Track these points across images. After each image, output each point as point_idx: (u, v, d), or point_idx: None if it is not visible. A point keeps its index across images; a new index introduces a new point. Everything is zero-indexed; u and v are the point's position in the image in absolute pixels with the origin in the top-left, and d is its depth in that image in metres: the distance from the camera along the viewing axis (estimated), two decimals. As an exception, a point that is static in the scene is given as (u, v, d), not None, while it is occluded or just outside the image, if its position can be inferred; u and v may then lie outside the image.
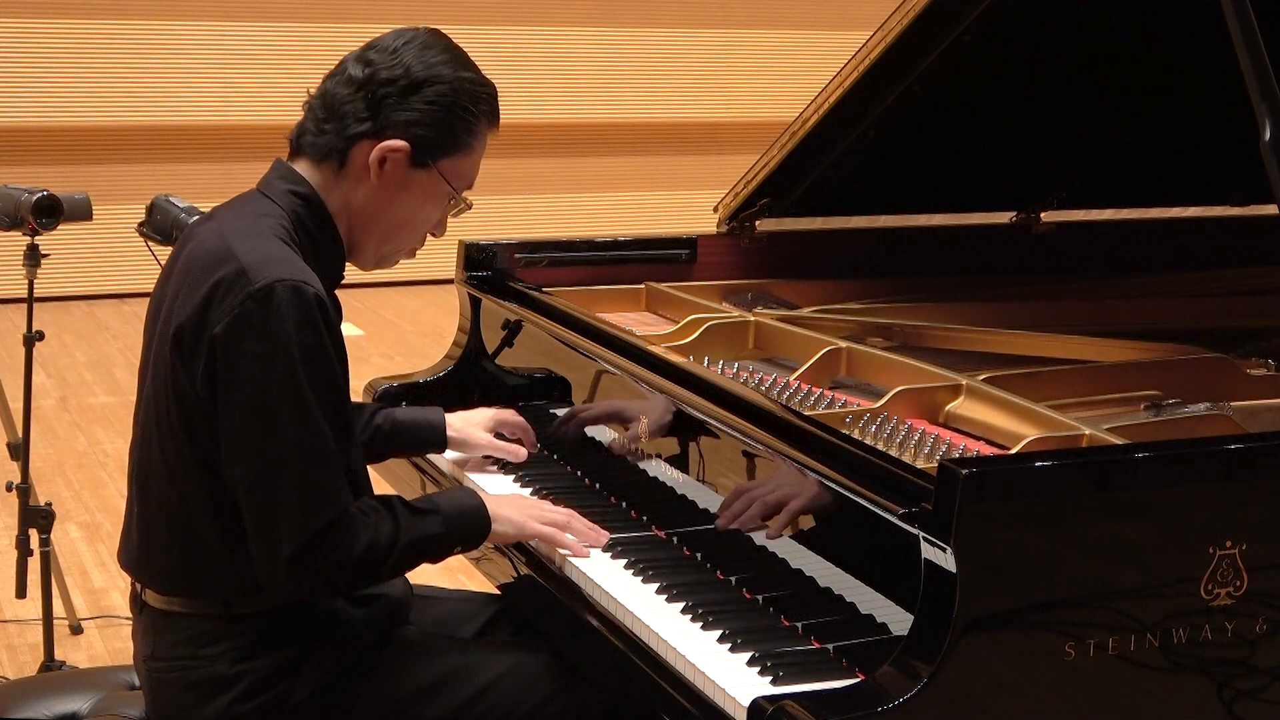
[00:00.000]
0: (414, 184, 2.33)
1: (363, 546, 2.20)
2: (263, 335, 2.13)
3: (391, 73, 2.30)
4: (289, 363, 2.13)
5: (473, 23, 9.70)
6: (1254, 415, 2.51)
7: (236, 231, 2.25)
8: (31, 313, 3.87)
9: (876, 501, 1.97)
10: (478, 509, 2.37)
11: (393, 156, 2.30)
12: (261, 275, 2.15)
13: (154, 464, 2.29)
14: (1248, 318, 3.18)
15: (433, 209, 2.39)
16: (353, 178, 2.32)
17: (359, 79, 2.30)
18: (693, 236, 3.41)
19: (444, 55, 2.33)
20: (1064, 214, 3.61)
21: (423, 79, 2.30)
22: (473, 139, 2.36)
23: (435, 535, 2.31)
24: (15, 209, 3.66)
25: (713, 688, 1.99)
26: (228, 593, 2.27)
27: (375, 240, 2.38)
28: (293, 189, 2.32)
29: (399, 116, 2.29)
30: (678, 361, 2.57)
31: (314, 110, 2.35)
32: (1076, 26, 3.15)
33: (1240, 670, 1.98)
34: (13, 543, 3.91)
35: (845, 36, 4.83)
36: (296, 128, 2.37)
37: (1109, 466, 1.95)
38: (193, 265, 2.24)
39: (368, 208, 2.34)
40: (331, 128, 2.31)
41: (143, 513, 2.32)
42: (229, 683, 2.26)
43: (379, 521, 2.23)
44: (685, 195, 10.04)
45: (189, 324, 2.18)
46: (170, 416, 2.23)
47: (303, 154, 2.35)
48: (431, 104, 2.30)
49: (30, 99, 8.97)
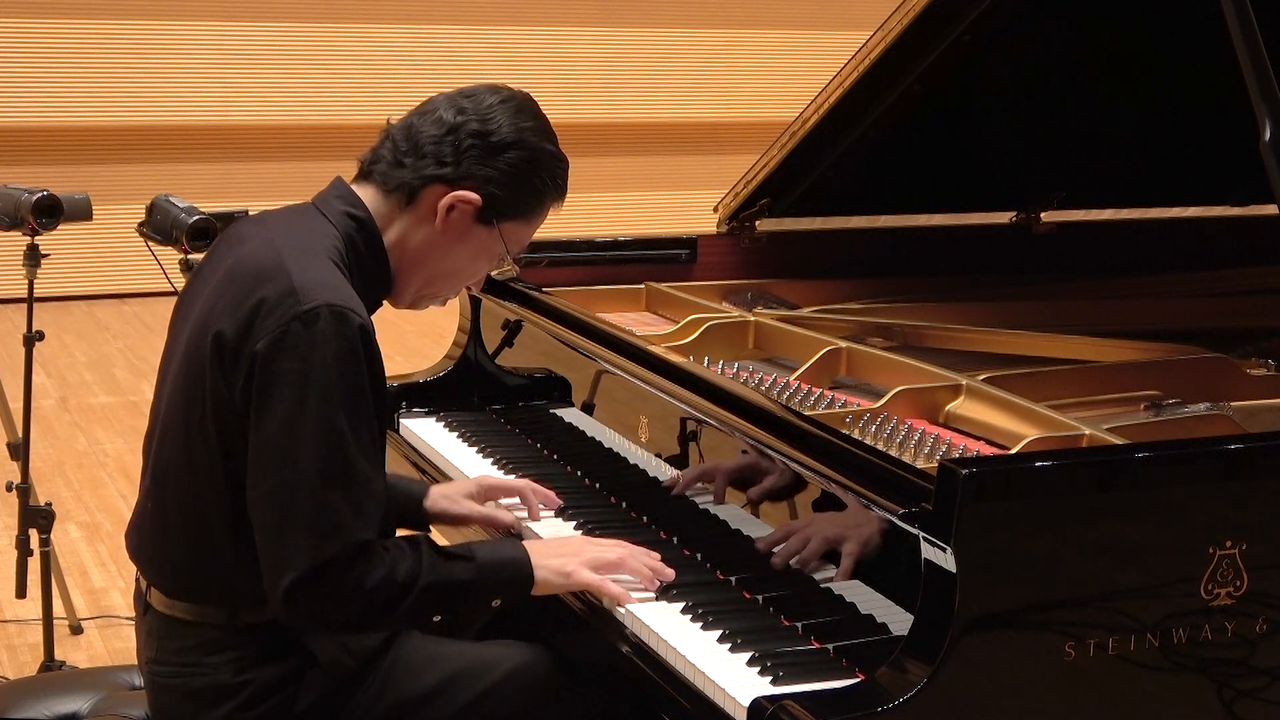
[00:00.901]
0: (473, 238, 2.34)
1: (376, 580, 2.15)
2: (303, 357, 2.11)
3: (484, 126, 2.30)
4: (325, 388, 2.11)
5: (473, 23, 9.71)
6: (1254, 415, 2.51)
7: (290, 247, 2.22)
8: (31, 313, 3.87)
9: (876, 501, 1.97)
10: (516, 559, 2.29)
11: (462, 206, 2.30)
12: (311, 297, 2.13)
13: (176, 464, 2.27)
14: (1248, 318, 3.18)
15: (482, 265, 2.41)
16: (416, 217, 2.32)
17: (450, 124, 2.30)
18: (693, 236, 3.41)
19: (534, 123, 2.35)
20: (1064, 214, 3.61)
21: (510, 141, 2.31)
22: (540, 209, 2.38)
23: (464, 582, 2.24)
24: (15, 209, 3.66)
25: (713, 688, 1.99)
26: (235, 600, 2.25)
27: (419, 282, 2.38)
28: (350, 211, 2.32)
29: (479, 170, 2.30)
30: (678, 361, 2.57)
31: (394, 140, 2.34)
32: (1076, 26, 3.16)
33: (1240, 670, 1.98)
34: (13, 543, 3.91)
35: (845, 36, 4.83)
36: (371, 153, 2.37)
37: (1109, 466, 1.95)
38: (241, 274, 2.22)
39: (422, 249, 2.34)
40: (410, 163, 2.31)
41: (157, 510, 2.31)
42: (232, 691, 2.25)
43: (399, 558, 2.18)
44: (685, 195, 10.04)
45: (232, 334, 2.17)
46: (204, 420, 2.21)
47: (371, 180, 2.35)
48: (513, 166, 2.31)
49: (30, 99, 8.97)
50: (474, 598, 2.28)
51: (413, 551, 2.21)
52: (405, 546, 2.22)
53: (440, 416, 3.14)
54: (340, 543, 2.12)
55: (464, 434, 3.02)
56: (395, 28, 9.46)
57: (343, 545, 2.12)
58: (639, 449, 2.66)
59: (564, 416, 2.97)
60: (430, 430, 3.08)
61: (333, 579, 2.13)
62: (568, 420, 2.95)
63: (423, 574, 2.19)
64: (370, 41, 9.31)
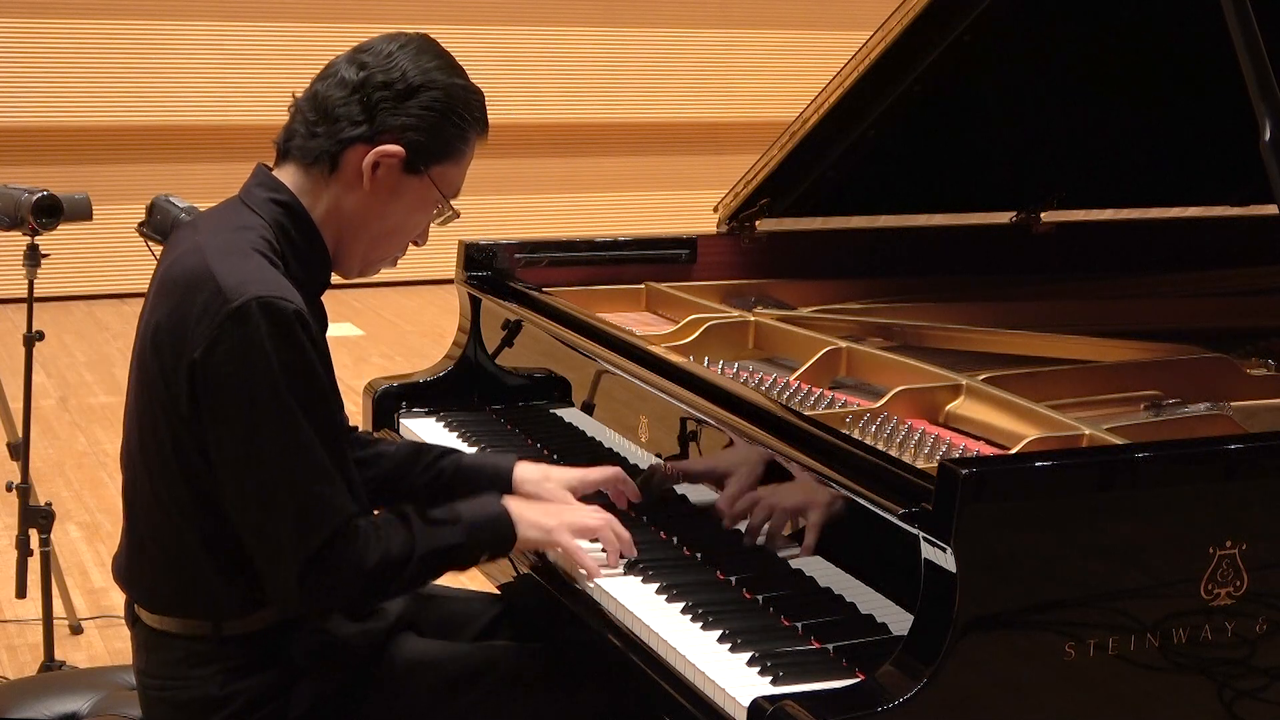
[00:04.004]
0: (405, 190, 2.29)
1: (374, 559, 2.16)
2: (242, 356, 2.10)
3: (388, 76, 2.25)
4: (271, 381, 2.10)
5: (473, 23, 9.71)
6: (1254, 415, 2.51)
7: (214, 248, 2.19)
8: (31, 313, 3.87)
9: (876, 501, 1.97)
10: (501, 515, 2.32)
11: (386, 161, 2.25)
12: (238, 294, 2.10)
13: (139, 484, 2.26)
14: (1248, 318, 3.18)
15: (421, 216, 2.35)
16: (343, 183, 2.27)
17: (353, 82, 2.25)
18: (693, 236, 3.41)
19: (438, 61, 2.30)
20: (1064, 214, 3.61)
21: (419, 84, 2.25)
22: (465, 146, 2.32)
23: (455, 545, 2.26)
24: (15, 209, 3.66)
25: (713, 688, 1.99)
26: (219, 611, 2.24)
27: (363, 247, 2.34)
28: (274, 197, 2.27)
29: (394, 121, 2.24)
30: (678, 361, 2.57)
31: (303, 113, 2.29)
32: (1076, 26, 3.15)
33: (1240, 670, 1.98)
34: (13, 543, 3.91)
35: (845, 36, 4.83)
36: (284, 131, 2.32)
37: (1109, 466, 1.95)
38: (171, 283, 2.20)
39: (357, 214, 2.29)
40: (323, 130, 2.26)
41: (130, 531, 2.31)
42: (220, 703, 2.24)
43: (391, 533, 2.20)
44: (685, 195, 10.04)
45: (169, 345, 2.15)
46: (157, 436, 2.20)
47: (290, 158, 2.30)
48: (427, 109, 2.26)
49: (30, 99, 8.97)
50: (464, 558, 2.31)
51: (402, 524, 2.23)
52: (395, 520, 2.23)
53: (440, 416, 3.14)
54: (330, 527, 2.13)
55: (464, 434, 3.02)
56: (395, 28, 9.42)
57: (332, 529, 2.13)
58: (639, 449, 2.66)
59: (564, 416, 2.97)
60: (430, 430, 3.08)
61: (331, 565, 2.14)
62: (568, 420, 2.95)
63: (417, 545, 2.21)
64: (370, 41, 9.30)
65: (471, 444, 2.97)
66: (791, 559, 2.22)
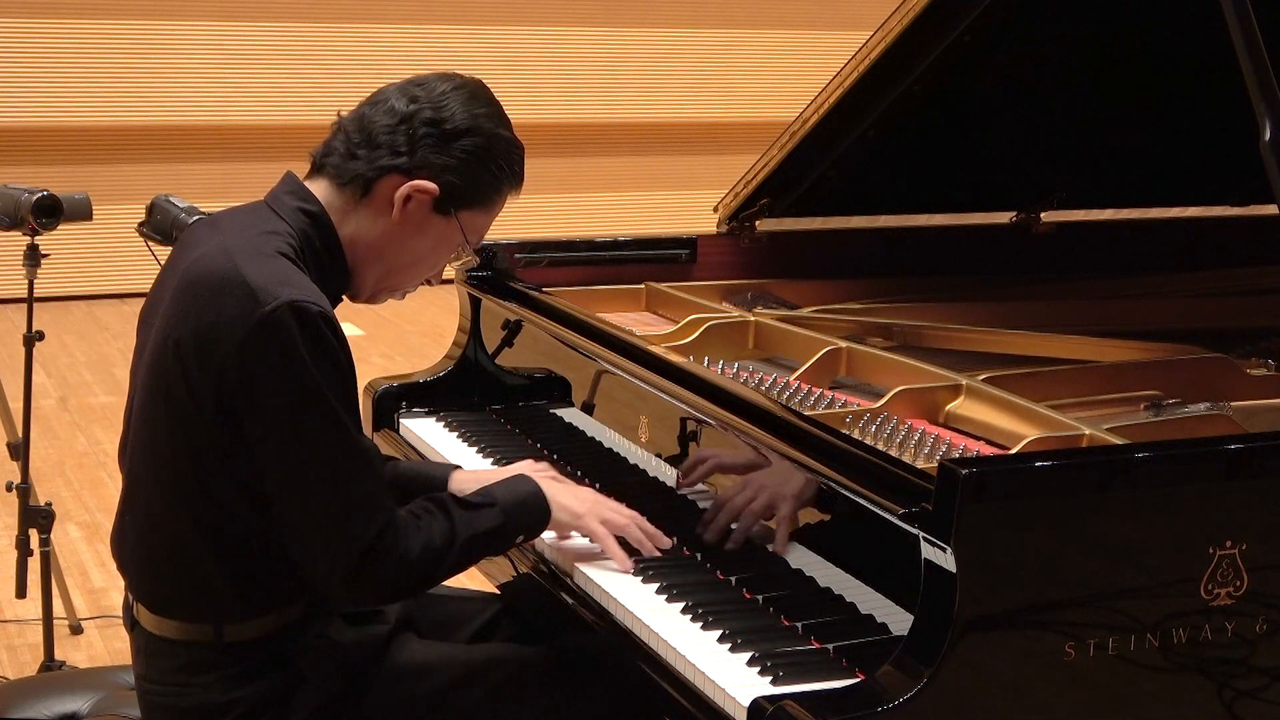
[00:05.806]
0: (431, 228, 2.30)
1: (419, 549, 2.19)
2: (279, 358, 2.10)
3: (437, 114, 2.26)
4: (308, 384, 2.11)
5: (473, 23, 9.71)
6: (1254, 415, 2.51)
7: (242, 250, 2.19)
8: (31, 313, 3.87)
9: (876, 501, 1.97)
10: (536, 493, 2.35)
11: (419, 197, 2.26)
12: (270, 297, 2.11)
13: (146, 477, 2.26)
14: (1248, 318, 3.18)
15: (441, 256, 2.37)
16: (373, 209, 2.28)
17: (402, 113, 2.26)
18: (693, 236, 3.41)
19: (488, 109, 2.31)
20: (1064, 214, 3.61)
21: (465, 128, 2.27)
22: (497, 196, 2.34)
23: (494, 528, 2.29)
24: (15, 209, 3.66)
25: (713, 688, 1.99)
26: (220, 617, 2.24)
27: (377, 275, 2.35)
28: (303, 207, 2.28)
29: (435, 159, 2.26)
30: (678, 361, 2.57)
31: (346, 132, 2.30)
32: (1076, 26, 3.15)
33: (1240, 670, 1.98)
34: (13, 543, 3.91)
35: (845, 36, 4.83)
36: (323, 146, 2.32)
37: (1109, 466, 1.95)
38: (197, 282, 2.18)
39: (379, 242, 2.30)
40: (364, 154, 2.27)
41: (134, 522, 2.30)
42: (221, 710, 2.24)
43: (431, 522, 2.22)
44: (685, 195, 10.04)
45: (195, 345, 2.14)
46: (171, 435, 2.19)
47: (324, 174, 2.31)
48: (468, 154, 2.27)
49: (30, 99, 8.97)
50: (503, 541, 2.33)
51: (441, 512, 2.25)
52: (433, 508, 2.26)
53: (440, 416, 3.14)
54: (376, 524, 2.15)
55: (464, 434, 3.02)
56: (395, 28, 9.45)
57: (380, 525, 2.15)
58: (639, 449, 2.66)
59: (564, 416, 2.97)
60: (430, 430, 3.08)
61: (379, 559, 2.15)
62: (568, 420, 2.95)
63: (458, 531, 2.24)
64: (370, 41, 9.31)
65: (471, 444, 2.97)
66: (792, 559, 2.23)
